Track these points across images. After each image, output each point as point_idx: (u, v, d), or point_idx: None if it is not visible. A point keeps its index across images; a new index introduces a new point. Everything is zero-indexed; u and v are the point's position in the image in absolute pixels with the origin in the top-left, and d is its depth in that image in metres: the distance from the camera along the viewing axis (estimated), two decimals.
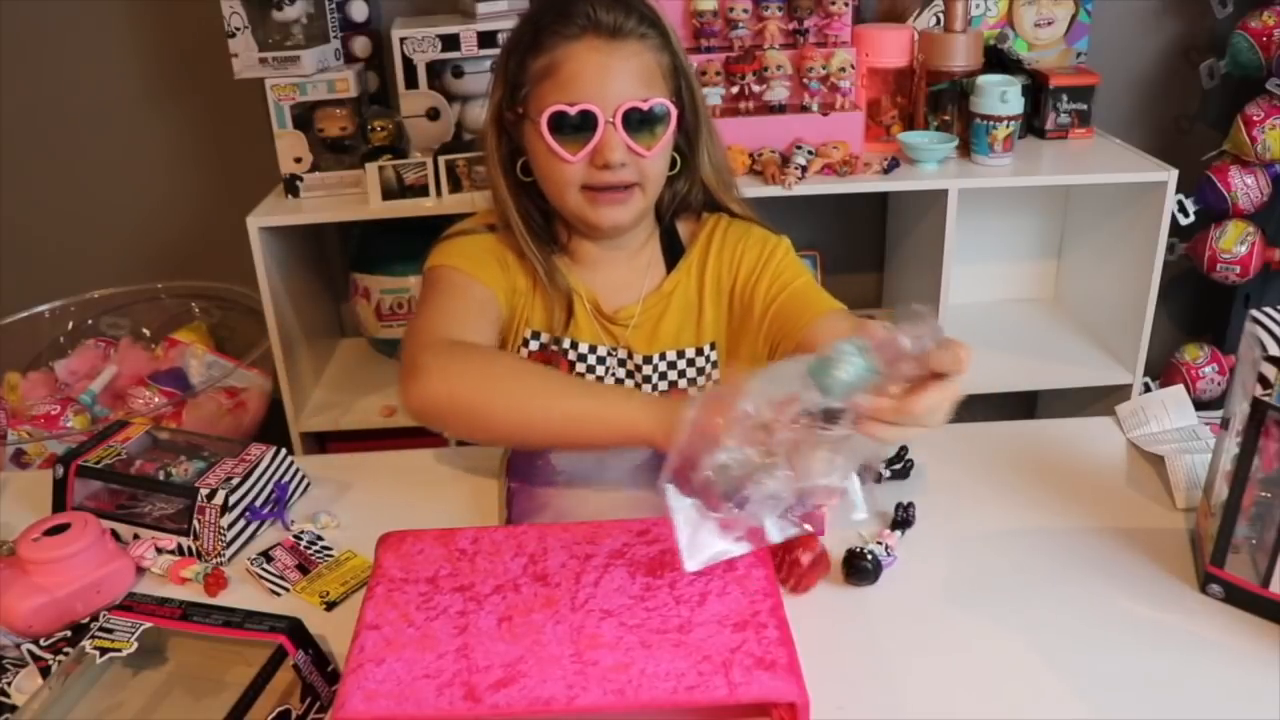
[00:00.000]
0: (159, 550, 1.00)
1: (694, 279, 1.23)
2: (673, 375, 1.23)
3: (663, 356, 1.22)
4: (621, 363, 1.22)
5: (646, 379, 1.23)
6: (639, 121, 1.10)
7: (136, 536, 1.02)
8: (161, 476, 1.04)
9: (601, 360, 1.22)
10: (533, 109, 1.11)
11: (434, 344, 1.03)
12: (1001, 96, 1.75)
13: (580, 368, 1.21)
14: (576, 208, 1.14)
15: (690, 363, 1.23)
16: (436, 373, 0.98)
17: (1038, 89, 1.92)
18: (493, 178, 1.20)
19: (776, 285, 1.18)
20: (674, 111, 1.12)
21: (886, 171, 1.76)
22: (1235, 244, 2.00)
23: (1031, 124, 1.95)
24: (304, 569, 0.98)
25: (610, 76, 1.08)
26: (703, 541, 0.80)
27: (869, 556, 0.92)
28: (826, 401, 0.79)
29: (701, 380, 1.24)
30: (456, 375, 0.99)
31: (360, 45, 1.90)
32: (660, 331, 1.22)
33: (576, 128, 1.09)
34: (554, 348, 1.21)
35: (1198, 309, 2.28)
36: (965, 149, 1.83)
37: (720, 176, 1.24)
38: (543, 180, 1.15)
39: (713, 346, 1.23)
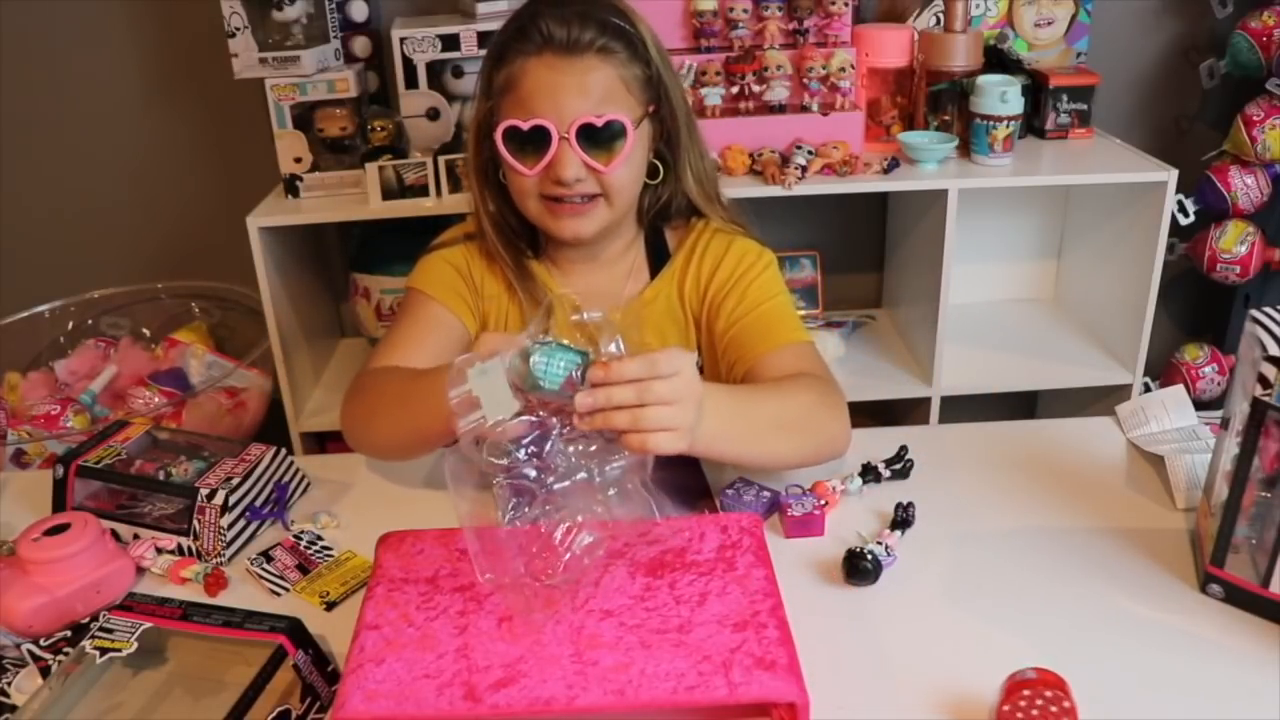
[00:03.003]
0: (159, 550, 1.00)
1: (675, 287, 1.22)
2: None
3: None
4: None
5: None
6: (594, 137, 1.08)
7: (136, 536, 1.02)
8: (161, 476, 1.04)
9: None
10: (497, 121, 1.11)
11: (359, 377, 1.14)
12: (1001, 96, 1.75)
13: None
14: (538, 217, 1.15)
15: None
16: (345, 410, 1.13)
17: (1038, 89, 1.92)
18: (470, 184, 1.21)
19: (743, 306, 1.17)
20: (631, 126, 1.10)
21: (886, 171, 1.76)
22: (1235, 244, 2.00)
23: (1031, 124, 1.95)
24: (304, 569, 0.98)
25: (564, 93, 1.07)
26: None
27: (869, 556, 0.92)
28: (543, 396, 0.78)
29: None
30: (349, 413, 1.12)
31: (360, 45, 1.90)
32: (641, 340, 1.21)
33: (531, 142, 1.09)
34: None
35: (1198, 309, 2.28)
36: (965, 149, 1.83)
37: (703, 187, 1.22)
38: (512, 192, 1.16)
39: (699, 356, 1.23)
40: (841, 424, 1.07)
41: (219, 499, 0.99)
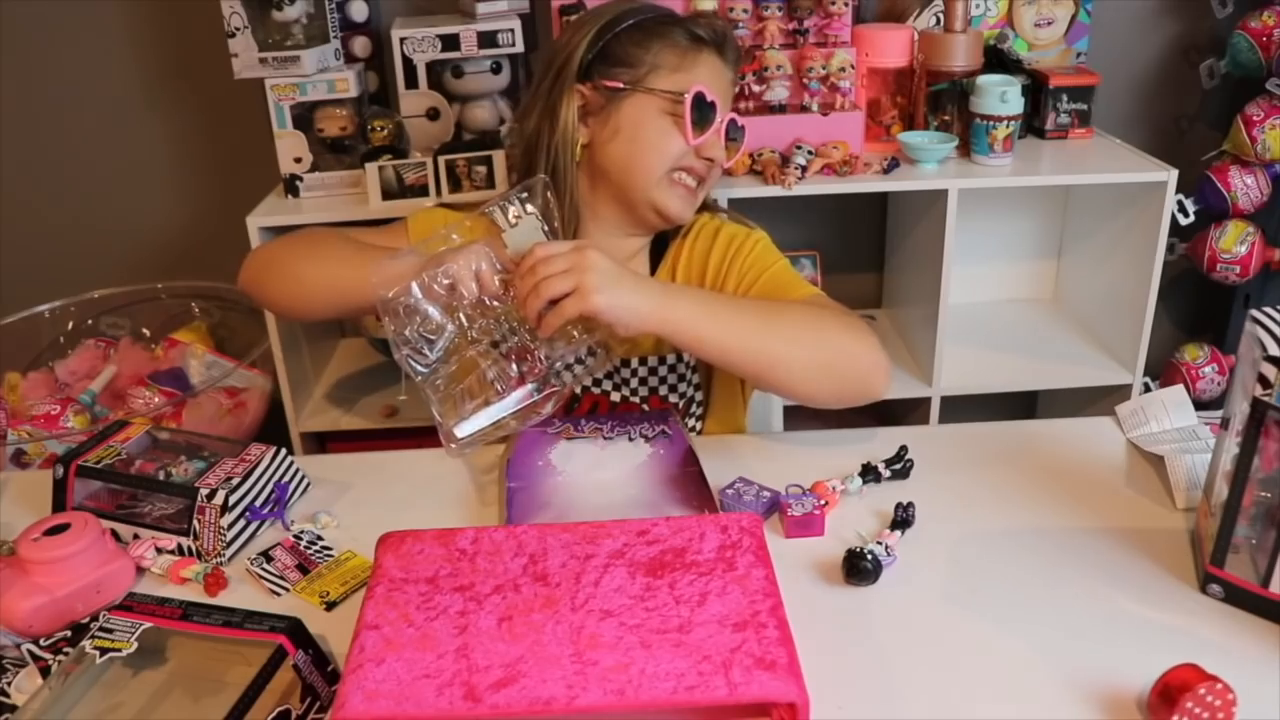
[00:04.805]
0: (159, 550, 1.00)
1: (670, 279, 1.24)
2: (653, 381, 1.23)
3: (643, 361, 1.23)
4: None
5: (625, 382, 1.23)
6: (732, 135, 1.22)
7: (136, 536, 1.02)
8: (161, 476, 1.04)
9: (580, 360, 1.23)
10: (661, 85, 1.16)
11: (302, 232, 1.23)
12: (1001, 96, 1.75)
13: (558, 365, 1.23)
14: (657, 187, 1.18)
15: (671, 369, 1.23)
16: (277, 243, 1.23)
17: (1038, 89, 1.92)
18: (562, 151, 1.19)
19: (747, 279, 1.19)
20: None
21: (886, 171, 1.76)
22: (1235, 244, 2.00)
23: (1031, 124, 1.95)
24: (304, 569, 0.98)
25: (724, 89, 1.21)
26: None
27: (869, 556, 0.92)
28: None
29: (683, 387, 1.24)
30: (282, 244, 1.22)
31: (360, 45, 1.90)
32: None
33: (705, 116, 1.17)
34: None
35: (1198, 309, 2.28)
36: (965, 149, 1.83)
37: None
38: (634, 155, 1.18)
39: None
40: (867, 352, 1.07)
41: (219, 499, 0.99)
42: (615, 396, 1.25)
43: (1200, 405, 1.30)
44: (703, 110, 1.16)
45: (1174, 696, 0.74)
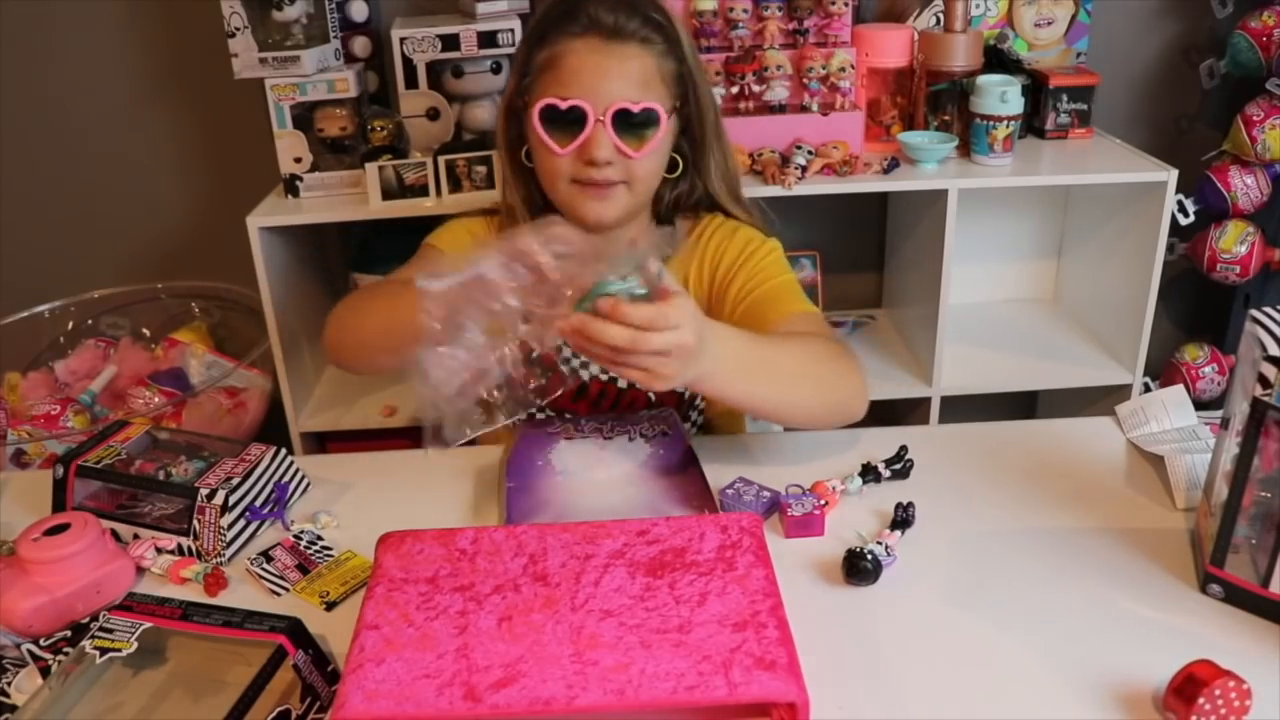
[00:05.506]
0: (159, 550, 1.00)
1: (682, 275, 1.24)
2: None
3: None
4: None
5: None
6: (628, 123, 1.11)
7: (136, 536, 1.02)
8: (161, 476, 1.04)
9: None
10: (531, 99, 1.14)
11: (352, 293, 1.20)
12: (1001, 96, 1.75)
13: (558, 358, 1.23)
14: (566, 199, 1.16)
15: None
16: (331, 321, 1.18)
17: (1038, 89, 1.92)
18: (500, 160, 1.24)
19: (750, 284, 1.19)
20: (665, 116, 1.13)
21: (886, 171, 1.76)
22: (1235, 244, 2.00)
23: (1031, 124, 1.95)
24: (304, 569, 0.98)
25: (605, 76, 1.10)
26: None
27: (869, 556, 0.92)
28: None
29: None
30: (335, 319, 1.18)
31: (360, 45, 1.90)
32: None
33: (567, 122, 1.11)
34: None
35: (1198, 309, 2.28)
36: (965, 149, 1.83)
37: (728, 186, 1.26)
38: (538, 170, 1.18)
39: None
40: (856, 382, 1.09)
41: (219, 499, 0.99)
42: (622, 383, 1.25)
43: (1200, 405, 1.30)
44: (559, 118, 1.11)
45: (1195, 691, 0.74)
